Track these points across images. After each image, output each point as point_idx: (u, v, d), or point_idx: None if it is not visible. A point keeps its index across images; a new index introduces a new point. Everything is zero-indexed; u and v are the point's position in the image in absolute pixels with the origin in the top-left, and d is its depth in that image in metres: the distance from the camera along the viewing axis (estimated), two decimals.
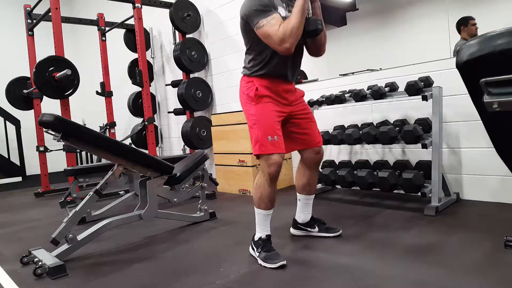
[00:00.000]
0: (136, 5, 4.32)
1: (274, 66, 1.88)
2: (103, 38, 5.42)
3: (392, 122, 2.93)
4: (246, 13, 1.82)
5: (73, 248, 2.10)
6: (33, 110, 4.97)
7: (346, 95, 3.01)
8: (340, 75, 3.51)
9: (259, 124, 1.86)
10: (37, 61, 3.84)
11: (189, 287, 1.67)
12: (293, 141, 2.06)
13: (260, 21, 1.75)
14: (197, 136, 4.49)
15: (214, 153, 4.04)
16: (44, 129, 2.09)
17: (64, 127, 1.96)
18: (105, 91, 5.41)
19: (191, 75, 4.70)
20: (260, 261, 1.83)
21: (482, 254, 1.76)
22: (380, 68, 3.21)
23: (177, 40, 4.82)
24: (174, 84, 4.86)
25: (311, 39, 1.98)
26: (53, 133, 1.98)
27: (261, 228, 1.92)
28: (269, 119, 1.87)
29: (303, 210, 2.20)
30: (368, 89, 2.90)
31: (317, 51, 2.06)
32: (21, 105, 5.22)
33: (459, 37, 3.07)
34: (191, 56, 4.49)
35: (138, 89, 4.93)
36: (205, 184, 2.78)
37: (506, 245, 1.14)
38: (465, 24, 2.98)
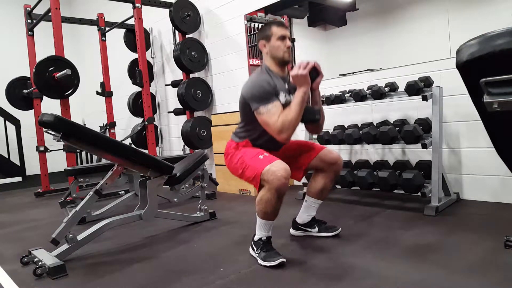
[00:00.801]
0: (136, 5, 4.32)
1: (264, 142, 1.97)
2: (103, 38, 5.42)
3: (392, 122, 2.93)
4: (247, 96, 1.87)
5: (73, 248, 2.10)
6: (33, 110, 4.98)
7: (346, 95, 3.01)
8: (340, 75, 3.51)
9: (246, 155, 1.91)
10: (37, 61, 3.84)
11: (189, 287, 1.67)
12: (296, 164, 2.07)
13: (261, 107, 1.81)
14: (197, 136, 4.49)
15: (214, 153, 4.04)
16: (44, 129, 2.09)
17: (64, 127, 1.95)
18: (105, 91, 5.41)
19: (191, 75, 4.69)
20: (259, 261, 1.83)
21: (482, 254, 1.76)
22: (380, 68, 3.22)
23: (177, 40, 4.82)
24: (174, 84, 4.86)
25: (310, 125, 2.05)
26: (53, 133, 1.98)
27: (262, 232, 1.90)
28: (254, 149, 1.94)
29: (306, 212, 2.19)
30: (368, 89, 2.90)
31: (314, 132, 2.18)
32: (21, 105, 5.21)
33: (459, 37, 3.07)
34: (191, 56, 4.49)
35: (138, 89, 4.93)
36: (205, 184, 2.78)
37: (506, 245, 1.14)
38: None
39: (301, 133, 3.26)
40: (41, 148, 4.74)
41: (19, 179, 6.28)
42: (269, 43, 1.94)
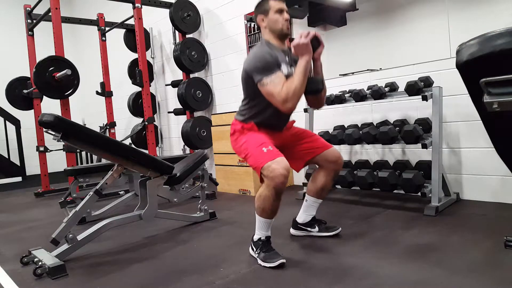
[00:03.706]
0: (136, 5, 4.32)
1: (267, 117, 1.95)
2: (103, 38, 5.42)
3: (392, 122, 2.93)
4: (250, 68, 1.86)
5: (73, 248, 2.10)
6: (33, 110, 4.98)
7: (346, 95, 3.01)
8: (340, 75, 3.51)
9: (251, 142, 1.89)
10: (37, 61, 3.84)
11: (189, 287, 1.67)
12: (297, 156, 2.07)
13: (264, 79, 1.80)
14: (197, 136, 4.49)
15: (214, 153, 4.04)
16: (44, 129, 2.09)
17: (64, 127, 1.95)
18: (105, 91, 5.41)
19: (191, 75, 4.69)
20: (259, 261, 1.83)
21: (482, 254, 1.76)
22: (380, 68, 3.21)
23: (177, 40, 4.82)
24: (174, 84, 4.86)
25: (312, 95, 2.03)
26: (53, 133, 1.98)
27: (261, 231, 1.91)
28: (259, 136, 1.92)
29: (306, 211, 2.20)
30: (368, 89, 2.90)
31: (316, 105, 2.14)
32: (21, 105, 5.21)
33: (459, 37, 3.07)
34: (191, 56, 4.49)
35: (138, 89, 4.93)
36: (205, 184, 2.78)
37: (506, 245, 1.14)
38: None
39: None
40: (41, 148, 4.74)
41: (19, 179, 6.28)
42: (267, 17, 1.94)
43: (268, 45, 1.92)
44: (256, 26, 4.06)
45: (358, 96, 2.87)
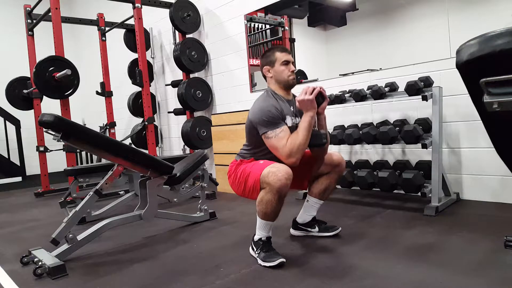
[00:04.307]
0: (136, 5, 4.32)
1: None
2: (103, 38, 5.42)
3: (392, 122, 2.93)
4: (255, 120, 1.88)
5: (73, 248, 2.10)
6: (33, 110, 4.98)
7: (346, 95, 3.01)
8: (340, 75, 3.51)
9: (248, 165, 1.93)
10: (37, 61, 3.84)
11: (189, 287, 1.67)
12: (300, 174, 2.04)
13: (269, 132, 1.83)
14: (197, 136, 4.49)
15: (214, 153, 4.04)
16: (44, 129, 2.09)
17: (64, 127, 1.95)
18: (105, 91, 5.41)
19: (191, 75, 4.69)
20: (259, 261, 1.83)
21: (482, 254, 1.76)
22: (380, 68, 3.21)
23: (177, 40, 4.82)
24: (174, 84, 4.86)
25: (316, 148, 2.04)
26: (53, 133, 1.98)
27: (262, 232, 1.90)
28: (256, 160, 1.94)
29: (307, 212, 2.19)
30: (368, 89, 2.90)
31: (320, 155, 2.12)
32: (21, 105, 5.21)
33: (459, 37, 3.07)
34: (191, 56, 4.49)
35: (138, 89, 4.93)
36: (205, 184, 2.78)
37: (506, 245, 1.14)
38: None
39: None
40: (41, 148, 4.74)
41: (19, 179, 6.28)
42: (273, 68, 1.98)
43: (274, 95, 1.95)
44: (256, 27, 4.06)
45: (358, 96, 2.87)
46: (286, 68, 1.96)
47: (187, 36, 4.64)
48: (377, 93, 2.78)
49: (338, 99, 3.03)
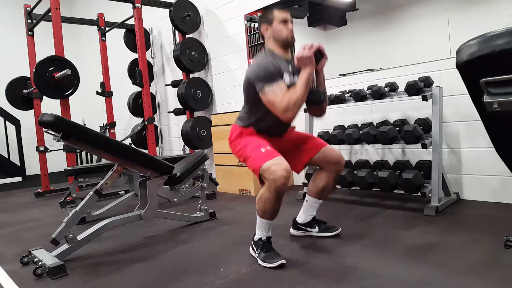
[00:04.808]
0: (136, 5, 4.32)
1: (268, 125, 1.96)
2: (103, 38, 5.42)
3: (392, 122, 2.93)
4: (252, 76, 1.87)
5: (73, 248, 2.10)
6: (33, 110, 4.98)
7: (346, 95, 3.01)
8: (340, 75, 3.51)
9: (249, 145, 1.91)
10: (37, 61, 3.84)
11: (189, 287, 1.67)
12: (297, 157, 2.06)
13: (266, 87, 1.80)
14: (197, 136, 4.49)
15: (214, 153, 4.04)
16: (44, 129, 2.09)
17: (64, 127, 1.95)
18: (105, 91, 5.41)
19: (191, 75, 4.69)
20: (259, 261, 1.83)
21: (482, 254, 1.76)
22: (380, 68, 3.22)
23: (177, 40, 4.82)
24: (174, 84, 4.86)
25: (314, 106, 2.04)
26: (53, 133, 1.98)
27: (262, 232, 1.91)
28: (257, 139, 1.93)
29: (307, 211, 2.19)
30: (368, 89, 2.90)
31: (317, 114, 2.14)
32: (21, 105, 5.21)
33: (459, 37, 3.07)
34: (191, 56, 4.49)
35: (138, 89, 4.93)
36: (205, 184, 2.78)
37: (506, 245, 1.14)
38: None
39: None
40: (41, 148, 4.74)
41: (19, 179, 6.28)
42: (271, 26, 1.95)
43: (272, 54, 1.94)
44: (256, 27, 4.06)
45: (358, 96, 2.87)
46: (285, 27, 1.93)
47: (187, 36, 4.64)
48: (377, 93, 2.78)
49: (338, 99, 3.03)
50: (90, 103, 6.91)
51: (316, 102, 1.94)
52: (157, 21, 5.33)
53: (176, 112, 4.87)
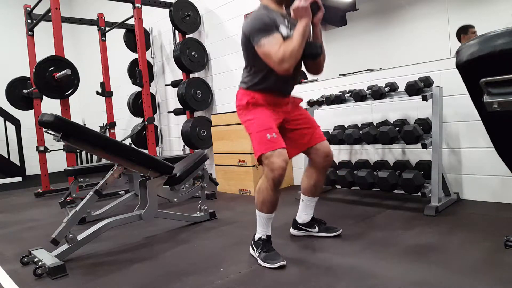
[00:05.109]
0: (136, 5, 4.32)
1: (272, 83, 1.91)
2: (103, 38, 5.42)
3: (392, 122, 2.93)
4: (248, 30, 1.84)
5: (73, 248, 2.10)
6: (33, 110, 4.98)
7: (346, 95, 3.01)
8: (340, 75, 3.51)
9: (256, 123, 1.88)
10: (37, 61, 3.84)
11: (189, 287, 1.67)
12: (294, 144, 2.05)
13: (262, 40, 1.78)
14: (197, 136, 4.49)
15: (214, 153, 4.04)
16: (44, 129, 2.09)
17: (64, 127, 1.95)
18: (105, 91, 5.41)
19: (191, 75, 4.69)
20: (260, 261, 1.83)
21: (482, 254, 1.76)
22: (380, 68, 3.21)
23: (177, 40, 4.82)
24: (174, 84, 4.86)
25: (310, 61, 2.01)
26: (53, 133, 1.98)
27: (261, 229, 1.92)
28: (265, 118, 1.88)
29: (305, 211, 2.20)
30: (368, 89, 2.90)
31: (315, 71, 2.10)
32: (21, 105, 5.21)
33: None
34: (191, 56, 4.49)
35: (138, 89, 4.93)
36: (205, 184, 2.78)
37: (506, 245, 1.14)
38: (465, 32, 2.98)
39: None
40: (41, 148, 4.74)
41: (19, 179, 6.27)
42: None
43: (266, 9, 1.90)
44: None
45: (358, 96, 2.87)
46: None
47: (187, 36, 4.64)
48: (377, 93, 2.78)
49: (338, 99, 3.02)
50: (90, 103, 6.91)
51: (314, 55, 1.90)
52: (157, 21, 5.33)
53: (176, 112, 4.87)
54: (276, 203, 1.88)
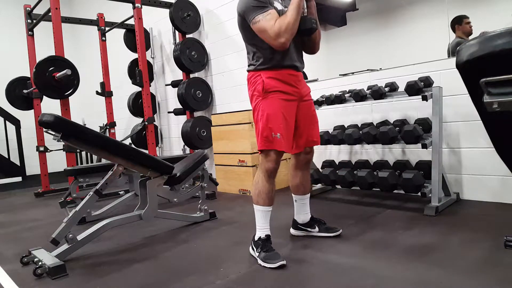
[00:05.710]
0: (136, 5, 4.32)
1: (279, 59, 1.89)
2: (103, 38, 5.42)
3: (392, 122, 2.93)
4: (242, 9, 1.85)
5: (73, 248, 2.10)
6: (33, 110, 4.98)
7: (346, 95, 3.01)
8: (340, 75, 3.51)
9: (266, 118, 1.87)
10: (37, 61, 3.84)
11: (189, 287, 1.67)
12: (300, 143, 2.06)
13: (256, 16, 1.78)
14: (197, 136, 4.49)
15: (214, 153, 4.04)
16: (44, 129, 2.09)
17: (64, 127, 1.95)
18: (105, 91, 5.41)
19: (191, 75, 4.69)
20: (259, 261, 1.83)
21: (482, 254, 1.76)
22: (380, 68, 3.22)
23: (177, 40, 4.82)
24: (174, 84, 4.86)
25: (306, 37, 2.00)
26: (53, 133, 1.98)
27: (260, 226, 1.92)
28: (276, 114, 1.87)
29: (301, 210, 2.20)
30: (368, 89, 2.90)
31: (311, 49, 2.09)
32: (21, 105, 5.22)
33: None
34: (191, 56, 4.49)
35: (138, 89, 4.93)
36: (205, 184, 2.78)
37: (506, 245, 1.14)
38: (459, 23, 2.99)
39: None
40: (41, 148, 4.74)
41: (19, 179, 6.27)
42: None
43: None
44: None
45: (358, 96, 2.87)
46: None
47: (187, 36, 4.64)
48: (377, 93, 2.78)
49: (338, 99, 3.03)
50: (90, 103, 6.91)
51: (309, 30, 1.89)
52: (157, 21, 5.33)
53: (176, 112, 4.87)
54: (271, 194, 1.92)
